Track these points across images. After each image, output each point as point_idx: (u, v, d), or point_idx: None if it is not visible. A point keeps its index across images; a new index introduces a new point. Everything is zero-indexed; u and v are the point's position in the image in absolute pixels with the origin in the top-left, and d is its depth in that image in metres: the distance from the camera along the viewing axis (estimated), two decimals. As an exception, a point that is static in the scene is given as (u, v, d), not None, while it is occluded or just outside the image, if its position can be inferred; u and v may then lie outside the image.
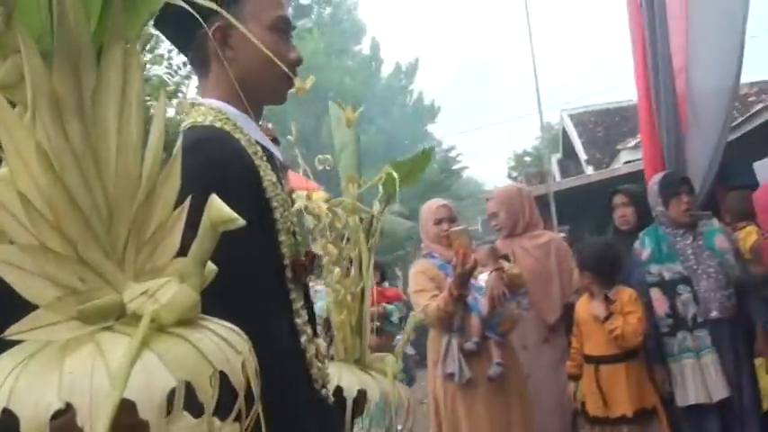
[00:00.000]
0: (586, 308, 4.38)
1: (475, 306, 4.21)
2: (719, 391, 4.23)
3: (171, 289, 0.89)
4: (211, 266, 0.94)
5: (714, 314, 4.31)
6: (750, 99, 16.48)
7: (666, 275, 4.41)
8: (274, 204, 1.65)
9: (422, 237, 4.61)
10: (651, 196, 4.61)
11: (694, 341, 4.31)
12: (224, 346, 0.87)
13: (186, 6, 0.92)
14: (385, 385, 2.09)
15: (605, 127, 19.88)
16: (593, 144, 19.55)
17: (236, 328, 0.94)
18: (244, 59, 1.72)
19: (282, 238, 1.66)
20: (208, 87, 1.77)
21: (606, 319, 4.22)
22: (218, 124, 1.65)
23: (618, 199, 5.02)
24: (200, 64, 1.78)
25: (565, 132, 21.99)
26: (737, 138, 11.26)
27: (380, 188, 2.27)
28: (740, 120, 11.58)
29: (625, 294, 4.28)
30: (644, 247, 4.53)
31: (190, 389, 0.80)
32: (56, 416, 0.74)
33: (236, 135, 1.64)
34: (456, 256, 3.98)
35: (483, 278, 4.25)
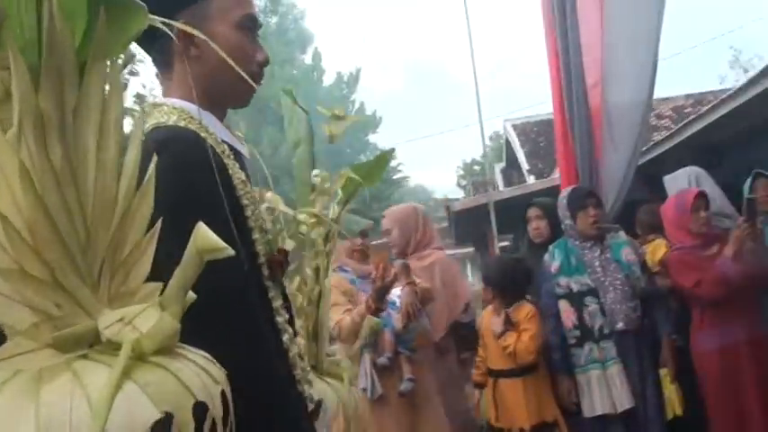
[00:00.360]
0: (488, 322, 4.44)
1: (388, 321, 4.23)
2: (624, 401, 4.30)
3: (151, 316, 0.87)
4: (191, 294, 0.92)
5: (620, 326, 4.39)
6: (686, 110, 16.85)
7: (574, 287, 4.48)
8: (245, 202, 1.61)
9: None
10: (560, 209, 4.69)
11: (600, 352, 4.37)
12: (203, 376, 0.87)
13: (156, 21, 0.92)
14: (342, 392, 2.10)
15: (547, 137, 20.16)
16: (535, 154, 19.78)
17: (210, 357, 0.93)
18: (208, 58, 1.67)
19: (256, 236, 1.63)
20: (171, 87, 1.71)
21: (501, 335, 4.29)
22: (182, 123, 1.59)
23: (532, 212, 5.09)
24: (164, 63, 1.72)
25: (508, 142, 22.19)
26: (672, 147, 11.51)
27: (339, 191, 2.28)
28: (675, 129, 11.84)
29: (523, 311, 4.35)
30: (553, 259, 4.60)
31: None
32: None
33: (202, 134, 1.58)
34: (375, 270, 4.02)
35: (396, 293, 4.28)
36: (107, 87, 0.92)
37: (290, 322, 1.71)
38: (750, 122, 9.92)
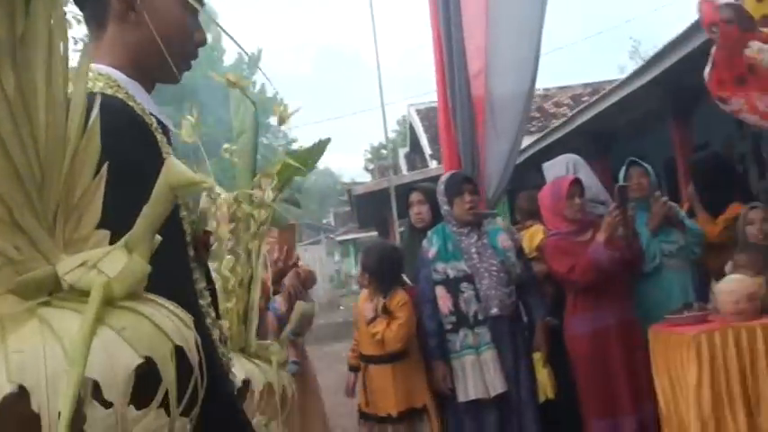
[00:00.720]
0: (362, 307, 4.43)
1: (271, 305, 4.18)
2: (497, 386, 4.36)
3: (117, 259, 0.83)
4: (158, 237, 0.88)
5: (494, 311, 4.44)
6: (584, 99, 17.22)
7: (451, 273, 4.50)
8: None
9: None
10: (438, 195, 4.70)
11: (475, 338, 4.41)
12: (177, 322, 0.84)
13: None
14: (270, 374, 2.06)
15: (450, 122, 20.30)
16: (437, 139, 19.89)
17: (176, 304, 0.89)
18: (146, 27, 1.55)
19: (183, 213, 1.55)
20: (100, 52, 1.58)
21: (372, 321, 4.29)
22: (108, 91, 1.47)
23: (414, 196, 5.08)
24: (97, 24, 1.59)
25: (412, 127, 22.30)
26: (566, 134, 11.75)
27: (275, 176, 2.25)
28: (568, 117, 12.09)
29: (396, 299, 4.35)
30: (431, 245, 4.61)
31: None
32: None
33: (130, 103, 1.48)
34: (279, 251, 3.98)
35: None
36: (51, 21, 0.87)
37: (214, 305, 1.66)
38: (639, 112, 10.20)
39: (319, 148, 2.41)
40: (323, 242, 34.10)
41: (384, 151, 40.97)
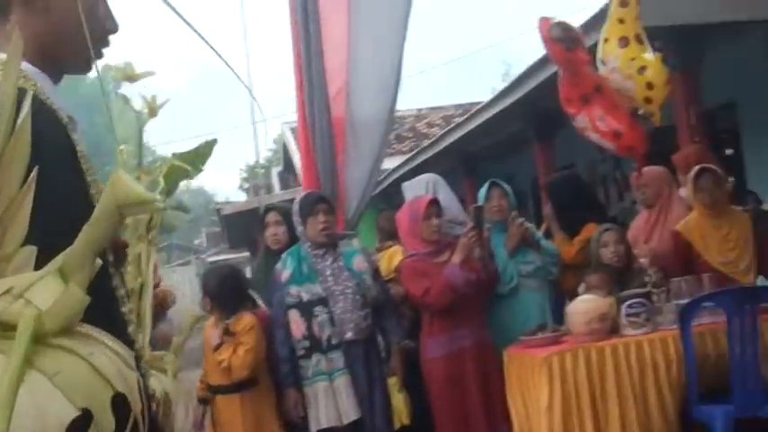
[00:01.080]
0: (208, 334, 4.25)
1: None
2: (350, 413, 4.25)
3: (49, 287, 0.69)
4: (98, 261, 0.75)
5: (349, 335, 4.33)
6: (455, 120, 17.50)
7: (305, 297, 4.37)
8: (89, 178, 1.39)
9: None
10: (294, 216, 4.56)
11: (328, 363, 4.29)
12: (117, 362, 0.72)
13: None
14: (167, 384, 1.99)
15: (324, 141, 20.24)
16: (311, 158, 19.80)
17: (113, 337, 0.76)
18: (56, 13, 1.45)
19: None
20: (3, 40, 1.40)
21: (218, 348, 4.11)
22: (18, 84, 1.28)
23: (270, 217, 4.93)
24: (0, 10, 1.45)
25: (285, 146, 22.15)
26: (435, 154, 11.85)
27: (161, 180, 2.17)
28: (439, 135, 12.19)
29: (241, 322, 4.18)
30: (285, 267, 4.46)
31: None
32: None
33: (42, 98, 1.33)
34: None
35: None
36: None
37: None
38: (505, 133, 10.39)
39: (206, 149, 2.34)
40: (193, 263, 33.43)
41: (260, 170, 40.59)
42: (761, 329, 4.00)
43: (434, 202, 4.59)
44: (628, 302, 4.17)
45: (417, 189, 5.09)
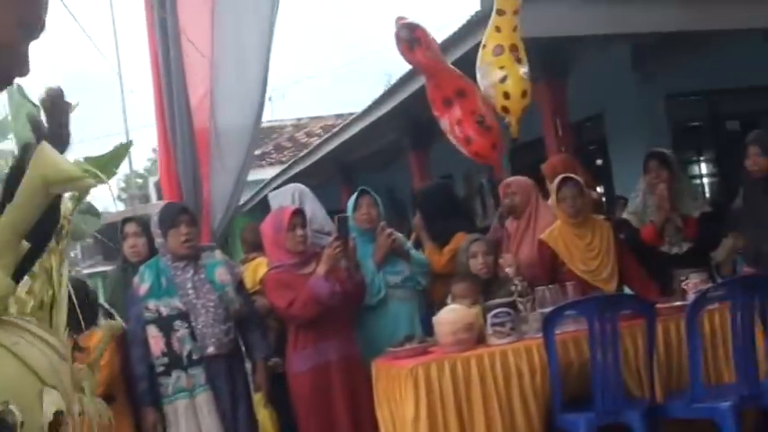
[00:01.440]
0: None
1: None
2: (212, 430, 4.11)
3: None
4: (25, 244, 0.70)
5: (211, 350, 4.19)
6: (335, 129, 17.48)
7: (164, 311, 4.20)
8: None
9: None
10: (153, 227, 4.37)
11: (188, 380, 4.14)
12: (48, 352, 0.69)
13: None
14: (84, 403, 1.89)
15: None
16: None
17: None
18: None
19: None
20: None
21: None
22: None
23: (129, 228, 4.73)
24: None
25: (163, 155, 21.61)
26: (313, 164, 11.74)
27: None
28: (315, 145, 12.09)
29: (94, 338, 3.97)
30: (143, 281, 4.28)
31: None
32: None
33: None
34: None
35: None
36: None
37: None
38: (382, 143, 10.39)
39: (119, 152, 2.16)
40: (69, 275, 32.07)
41: (139, 180, 39.49)
42: (622, 337, 4.07)
43: (298, 213, 4.49)
44: (493, 312, 4.16)
45: (283, 199, 4.98)
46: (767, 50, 7.95)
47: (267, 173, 14.53)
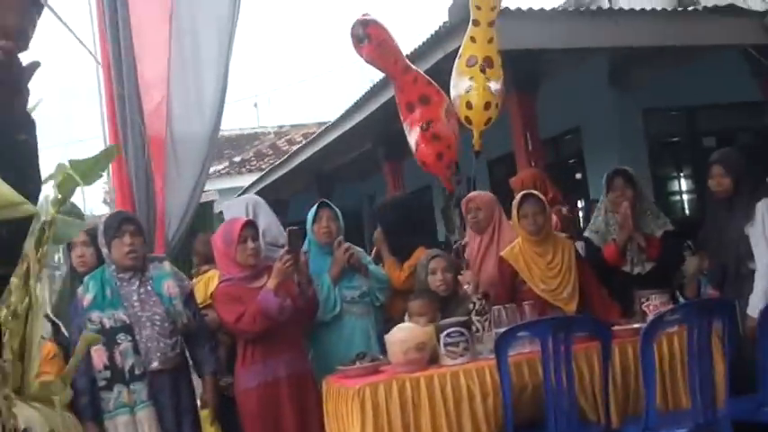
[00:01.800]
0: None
1: None
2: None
3: None
4: None
5: (155, 365, 4.05)
6: (310, 138, 17.43)
7: (107, 323, 4.05)
8: None
9: None
10: (99, 237, 4.23)
11: (130, 395, 3.99)
12: None
13: None
14: (53, 419, 1.80)
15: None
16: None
17: None
18: None
19: None
20: None
21: None
22: None
23: (77, 238, 4.57)
24: None
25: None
26: (289, 172, 11.63)
27: (54, 189, 1.97)
28: (289, 154, 11.99)
29: (42, 351, 3.84)
30: (87, 291, 4.14)
31: None
32: None
33: None
34: None
35: None
36: None
37: None
38: (355, 154, 10.29)
39: (105, 156, 2.13)
40: (47, 280, 31.98)
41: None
42: (577, 359, 3.96)
43: (250, 225, 4.36)
44: (446, 332, 4.05)
45: (237, 210, 4.84)
46: (745, 68, 7.91)
47: (246, 180, 14.41)
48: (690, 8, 7.84)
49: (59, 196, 2.05)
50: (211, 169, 16.63)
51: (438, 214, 11.03)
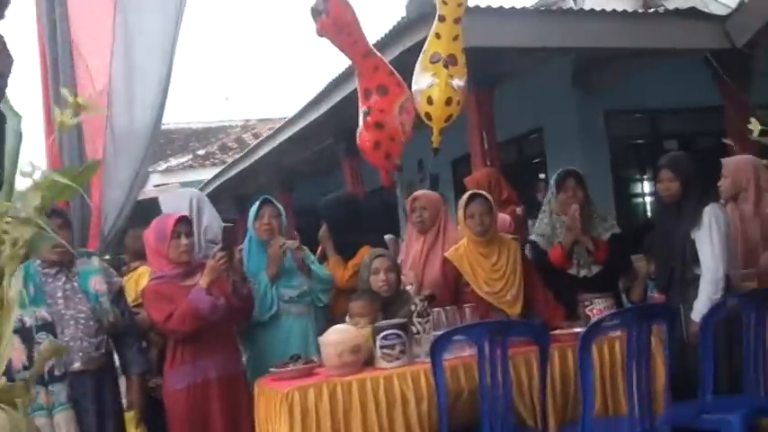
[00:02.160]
0: None
1: None
2: (71, 450, 3.81)
3: None
4: None
5: (77, 365, 3.90)
6: (269, 133, 17.29)
7: (28, 321, 3.88)
8: None
9: None
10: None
11: (48, 397, 3.82)
12: None
13: None
14: (17, 420, 1.79)
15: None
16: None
17: None
18: None
19: None
20: None
21: None
22: None
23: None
24: None
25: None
26: (249, 167, 11.48)
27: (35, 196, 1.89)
28: (246, 151, 11.83)
29: None
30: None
31: None
32: None
33: None
34: None
35: None
36: None
37: None
38: (316, 150, 10.16)
39: (89, 168, 2.20)
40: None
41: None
42: (515, 364, 3.86)
43: (184, 220, 4.22)
44: (382, 333, 3.93)
45: (180, 205, 4.69)
46: (707, 72, 7.86)
47: (209, 173, 14.21)
48: (650, 10, 7.78)
49: (43, 203, 1.97)
50: (174, 162, 16.58)
51: (401, 212, 10.93)
